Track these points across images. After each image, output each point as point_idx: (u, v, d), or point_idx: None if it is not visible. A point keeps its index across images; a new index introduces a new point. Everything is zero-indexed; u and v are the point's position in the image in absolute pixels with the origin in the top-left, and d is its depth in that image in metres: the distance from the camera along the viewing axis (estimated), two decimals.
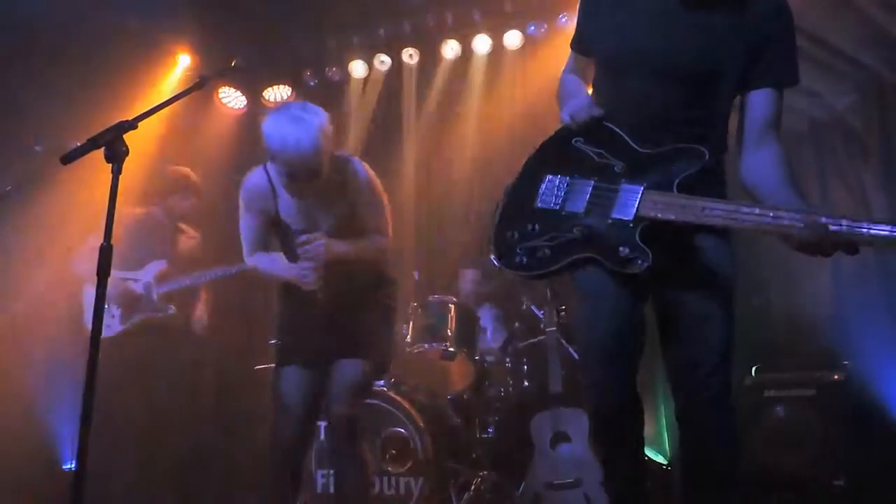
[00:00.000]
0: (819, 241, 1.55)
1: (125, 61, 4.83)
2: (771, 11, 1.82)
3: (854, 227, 1.52)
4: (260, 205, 2.60)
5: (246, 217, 2.65)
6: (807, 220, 1.56)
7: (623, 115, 1.87)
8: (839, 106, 4.28)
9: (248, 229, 2.67)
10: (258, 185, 2.60)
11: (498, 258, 1.91)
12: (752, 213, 1.63)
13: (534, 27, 4.91)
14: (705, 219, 1.68)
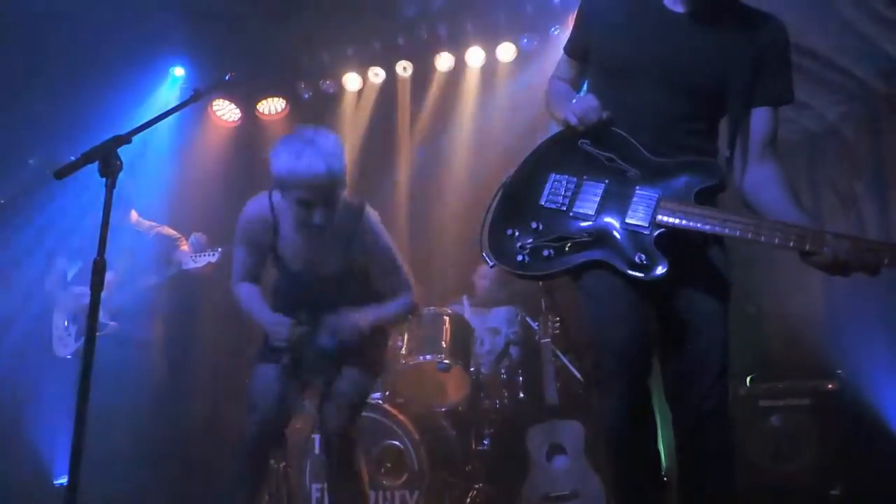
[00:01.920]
0: (845, 261, 1.58)
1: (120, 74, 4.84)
2: (770, 31, 1.86)
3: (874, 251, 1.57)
4: (257, 239, 2.48)
5: (238, 249, 2.55)
6: (834, 240, 1.58)
7: (627, 122, 1.86)
8: (831, 117, 4.31)
9: (238, 262, 2.58)
10: (259, 215, 2.46)
11: (494, 256, 1.84)
12: (778, 230, 1.64)
13: (527, 40, 4.95)
14: (727, 231, 1.67)
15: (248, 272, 2.59)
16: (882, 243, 1.59)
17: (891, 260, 1.56)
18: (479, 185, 5.10)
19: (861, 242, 1.59)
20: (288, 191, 2.25)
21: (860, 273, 1.61)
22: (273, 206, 2.43)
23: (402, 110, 5.38)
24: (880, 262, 1.58)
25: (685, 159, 1.80)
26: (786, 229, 1.64)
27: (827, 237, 1.60)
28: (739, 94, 1.84)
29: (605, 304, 1.77)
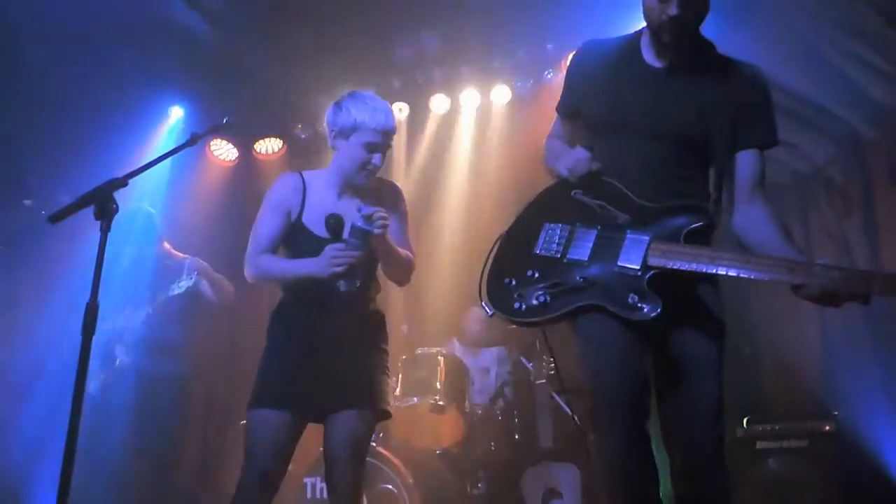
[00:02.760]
0: (834, 291, 1.60)
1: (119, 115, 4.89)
2: (750, 80, 1.93)
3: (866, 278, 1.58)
4: (286, 204, 2.44)
5: (267, 216, 2.45)
6: (821, 271, 1.61)
7: (617, 172, 1.92)
8: (820, 159, 4.38)
9: (267, 227, 2.44)
10: (290, 183, 2.48)
11: (492, 305, 1.89)
12: (765, 265, 1.67)
13: (521, 83, 5.03)
14: (715, 269, 1.70)
15: (273, 241, 2.44)
16: (871, 272, 1.61)
17: (881, 288, 1.57)
18: (472, 226, 5.14)
19: (849, 272, 1.61)
20: (361, 134, 2.37)
21: (852, 302, 1.62)
22: (303, 175, 2.50)
23: (398, 151, 5.44)
24: (870, 291, 1.59)
25: (673, 203, 1.84)
26: (774, 263, 1.67)
27: (815, 268, 1.62)
28: (722, 141, 1.90)
29: (601, 347, 1.79)
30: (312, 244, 2.37)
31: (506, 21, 4.54)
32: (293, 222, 2.44)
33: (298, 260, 2.40)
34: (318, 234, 2.39)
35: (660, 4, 1.80)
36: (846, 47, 3.71)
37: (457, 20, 4.59)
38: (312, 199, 2.46)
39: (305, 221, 2.44)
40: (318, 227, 2.38)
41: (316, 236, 2.40)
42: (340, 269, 2.23)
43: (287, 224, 2.45)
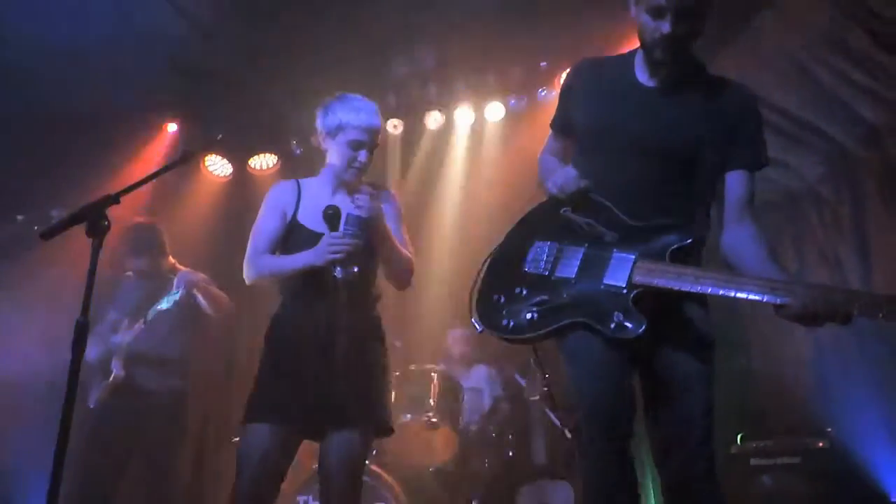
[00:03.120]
0: (815, 311, 1.60)
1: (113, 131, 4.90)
2: (740, 101, 1.95)
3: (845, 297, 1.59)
4: (282, 204, 2.50)
5: (267, 217, 2.50)
6: (802, 291, 1.62)
7: (606, 189, 1.94)
8: (811, 177, 4.41)
9: (266, 230, 2.48)
10: (285, 186, 2.56)
11: (481, 321, 1.92)
12: (747, 284, 1.68)
13: (514, 100, 5.07)
14: (700, 287, 1.71)
15: (273, 241, 2.46)
16: (851, 291, 1.62)
17: (860, 308, 1.58)
18: (467, 242, 5.15)
19: (830, 292, 1.62)
20: (346, 132, 2.46)
21: (833, 323, 1.63)
22: (299, 185, 2.56)
23: (392, 167, 5.46)
24: (850, 311, 1.60)
25: (660, 222, 1.86)
26: (756, 283, 1.68)
27: (796, 288, 1.64)
28: (712, 161, 1.92)
29: (585, 364, 1.80)
30: (309, 240, 2.39)
31: (500, 39, 4.58)
32: (289, 222, 2.48)
33: (296, 254, 2.40)
34: (314, 229, 2.42)
35: (653, 22, 1.82)
36: (836, 67, 3.75)
37: (451, 38, 4.63)
38: (307, 198, 2.51)
39: (301, 219, 2.48)
40: (314, 223, 2.42)
41: (312, 232, 2.42)
42: (337, 257, 2.25)
43: (284, 225, 2.48)
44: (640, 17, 1.86)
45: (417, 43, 4.81)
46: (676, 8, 1.77)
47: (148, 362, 3.69)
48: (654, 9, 1.80)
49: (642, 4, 1.83)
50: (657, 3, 1.78)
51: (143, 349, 3.68)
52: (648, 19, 1.83)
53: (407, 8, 4.31)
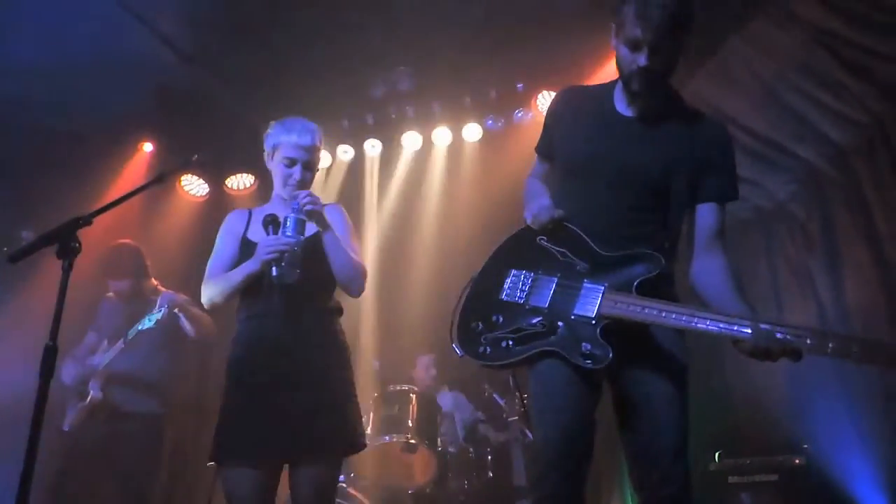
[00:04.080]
0: (767, 347, 1.65)
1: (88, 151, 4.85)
2: (714, 134, 2.00)
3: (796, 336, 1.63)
4: (235, 229, 2.58)
5: (221, 243, 2.57)
6: (754, 328, 1.66)
7: (582, 216, 1.99)
8: (781, 196, 4.49)
9: (220, 255, 2.53)
10: (238, 214, 2.67)
11: (461, 347, 1.97)
12: (706, 319, 1.73)
13: (491, 121, 5.12)
14: (662, 320, 1.77)
15: (225, 265, 2.49)
16: (803, 328, 1.65)
17: (812, 344, 1.62)
18: (444, 261, 5.16)
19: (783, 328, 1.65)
20: (280, 151, 2.56)
21: (785, 359, 1.67)
22: (250, 211, 2.65)
23: (370, 187, 5.47)
24: (801, 347, 1.64)
25: (629, 253, 1.91)
26: (714, 318, 1.73)
27: (751, 325, 1.68)
28: (683, 191, 1.97)
29: (550, 392, 1.86)
30: (251, 250, 2.44)
31: (477, 61, 4.63)
32: (239, 243, 2.54)
33: (239, 266, 2.43)
34: (257, 239, 2.46)
35: (630, 55, 1.87)
36: (804, 90, 3.85)
37: (429, 60, 4.67)
38: (256, 220, 2.58)
39: (249, 236, 2.54)
40: (259, 236, 2.44)
41: (256, 243, 2.45)
42: (273, 256, 2.28)
43: (237, 247, 2.53)
44: (618, 48, 1.91)
45: (395, 65, 4.84)
46: (652, 42, 1.82)
47: (126, 383, 3.63)
48: (631, 42, 1.85)
49: (621, 37, 1.88)
50: (634, 37, 1.83)
51: (123, 370, 3.62)
52: (626, 52, 1.88)
53: (385, 30, 4.35)
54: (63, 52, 4.14)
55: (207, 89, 4.76)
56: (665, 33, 1.80)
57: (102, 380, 3.59)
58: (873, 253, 3.77)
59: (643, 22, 1.79)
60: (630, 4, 1.82)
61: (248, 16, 4.20)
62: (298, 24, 4.26)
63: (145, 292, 3.78)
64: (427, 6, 4.13)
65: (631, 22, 1.82)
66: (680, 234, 2.01)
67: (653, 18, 1.78)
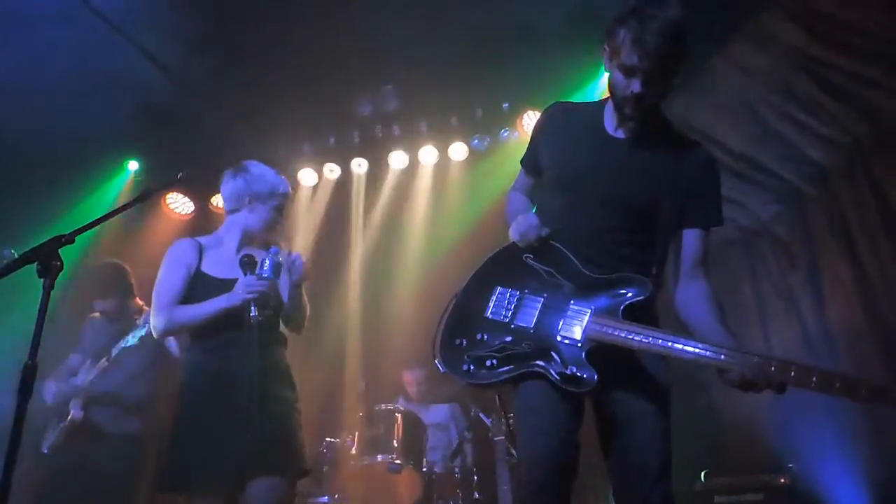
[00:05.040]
0: (752, 379, 1.66)
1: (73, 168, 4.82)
2: (701, 162, 2.01)
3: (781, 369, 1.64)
4: (187, 259, 2.57)
5: (172, 273, 2.54)
6: (740, 358, 1.67)
7: (567, 234, 1.99)
8: (765, 216, 4.55)
9: (172, 285, 2.52)
10: (185, 244, 2.64)
11: (444, 364, 1.94)
12: (692, 348, 1.74)
13: (477, 140, 5.14)
14: (648, 346, 1.77)
15: (177, 294, 2.51)
16: (788, 361, 1.66)
17: (795, 377, 1.63)
18: (430, 281, 5.14)
19: (767, 363, 1.66)
20: (275, 199, 2.67)
21: (769, 391, 1.68)
22: (198, 238, 2.66)
23: (356, 206, 5.47)
24: (785, 381, 1.65)
25: (615, 276, 1.91)
26: (701, 346, 1.73)
27: (737, 356, 1.69)
28: (670, 214, 1.98)
29: (535, 415, 1.84)
30: (215, 287, 2.48)
31: (463, 81, 4.67)
32: (193, 274, 2.55)
33: (210, 300, 2.45)
34: (220, 276, 2.52)
35: (625, 80, 1.88)
36: (785, 111, 3.91)
37: (416, 78, 4.70)
38: (210, 252, 2.61)
39: (205, 269, 2.55)
40: (220, 271, 2.53)
41: (217, 279, 2.51)
42: (253, 296, 2.36)
43: (188, 278, 2.54)
44: (613, 73, 1.92)
45: (382, 84, 4.87)
46: (647, 70, 1.83)
47: (108, 403, 3.56)
48: (626, 68, 1.85)
49: (615, 62, 1.89)
50: (630, 64, 1.83)
51: (105, 389, 3.55)
52: (621, 77, 1.88)
53: (371, 50, 4.38)
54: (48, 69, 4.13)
55: (193, 107, 4.75)
56: (661, 61, 1.81)
57: (84, 399, 3.53)
58: (855, 273, 3.81)
59: (640, 49, 1.80)
60: (626, 30, 1.83)
61: (233, 34, 4.22)
62: (284, 42, 4.28)
63: (130, 312, 3.73)
64: (413, 27, 4.16)
65: (627, 48, 1.82)
66: (666, 259, 2.01)
67: (649, 46, 1.79)
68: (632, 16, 1.82)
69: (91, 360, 3.60)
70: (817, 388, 1.60)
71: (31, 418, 1.70)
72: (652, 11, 1.80)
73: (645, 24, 1.79)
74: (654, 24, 1.78)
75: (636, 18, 1.81)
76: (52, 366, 3.68)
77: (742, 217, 4.60)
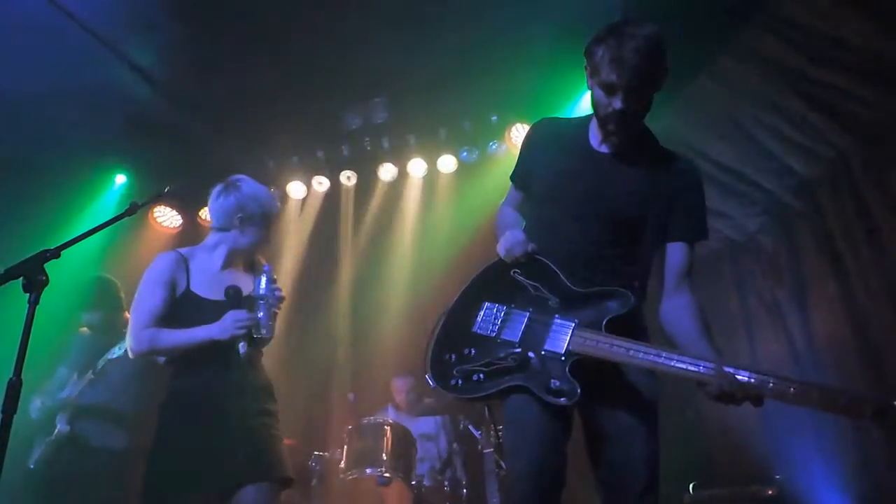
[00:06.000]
0: (730, 391, 1.66)
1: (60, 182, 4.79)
2: (685, 176, 2.04)
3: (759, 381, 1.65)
4: (170, 277, 2.52)
5: (154, 291, 2.50)
6: (717, 370, 1.68)
7: (554, 248, 2.01)
8: (751, 227, 4.58)
9: (154, 303, 2.48)
10: (170, 260, 2.58)
11: (434, 379, 1.96)
12: (672, 359, 1.75)
13: (466, 153, 5.17)
14: (629, 359, 1.78)
15: (162, 314, 2.47)
16: (765, 372, 1.67)
17: (774, 389, 1.64)
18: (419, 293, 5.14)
19: (746, 372, 1.66)
20: (266, 219, 2.65)
21: (748, 403, 1.69)
22: (183, 255, 2.62)
23: (345, 218, 5.47)
24: (763, 392, 1.66)
25: (599, 289, 1.92)
26: (679, 358, 1.75)
27: (716, 369, 1.69)
28: (655, 228, 2.00)
29: (521, 428, 1.86)
30: (205, 308, 2.46)
31: (452, 93, 4.69)
32: (182, 293, 2.51)
33: (193, 328, 2.43)
34: (210, 297, 2.49)
35: (606, 98, 1.90)
36: (770, 124, 3.96)
37: (404, 91, 4.72)
38: (196, 269, 2.58)
39: (194, 289, 2.52)
40: (209, 292, 2.50)
41: (206, 300, 2.49)
42: (242, 332, 2.38)
43: (171, 297, 2.50)
44: (594, 91, 1.95)
45: (370, 96, 4.88)
46: (627, 86, 1.85)
47: (95, 415, 3.52)
48: (606, 86, 1.88)
49: (596, 80, 1.91)
50: (610, 81, 1.86)
51: (92, 401, 3.51)
52: (602, 95, 1.91)
53: (360, 63, 4.39)
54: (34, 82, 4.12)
55: (181, 120, 4.74)
56: (640, 77, 1.84)
57: (70, 413, 3.49)
58: (840, 285, 3.85)
59: (618, 67, 1.82)
60: (604, 48, 1.85)
61: (222, 47, 4.22)
62: (273, 55, 4.29)
63: (119, 326, 3.69)
64: (402, 40, 4.18)
65: (606, 66, 1.85)
66: (650, 272, 2.03)
67: (627, 63, 1.81)
68: (610, 34, 1.86)
69: (78, 374, 3.56)
70: (795, 399, 1.61)
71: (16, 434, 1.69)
72: (629, 30, 1.83)
73: (623, 43, 1.82)
74: (632, 42, 1.81)
75: (614, 37, 1.84)
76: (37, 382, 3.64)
77: (729, 229, 4.63)
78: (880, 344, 3.54)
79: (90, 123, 4.52)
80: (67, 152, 4.68)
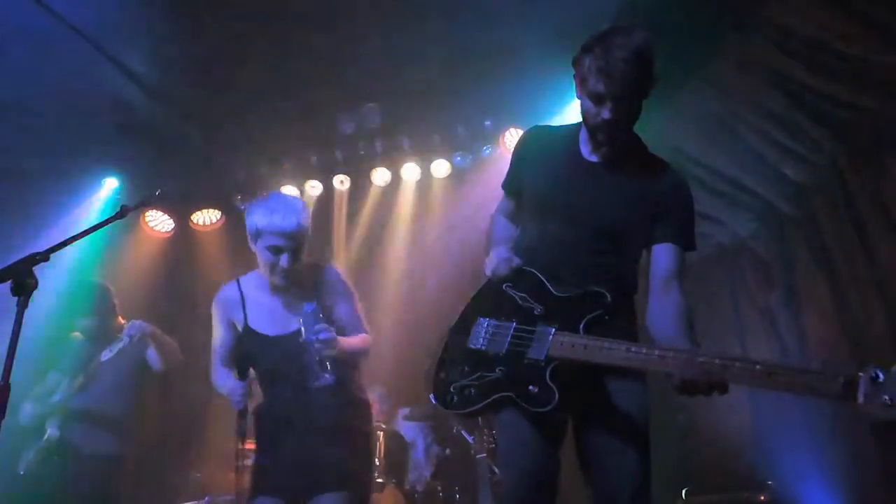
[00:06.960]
0: (692, 379, 1.62)
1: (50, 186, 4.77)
2: (673, 186, 2.03)
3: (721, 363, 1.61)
4: (229, 315, 2.60)
5: (218, 330, 2.64)
6: (684, 359, 1.65)
7: (544, 256, 2.02)
8: (743, 233, 4.60)
9: (220, 343, 2.63)
10: (227, 294, 2.64)
11: (434, 397, 2.01)
12: (640, 353, 1.74)
13: (459, 157, 5.18)
14: (607, 359, 1.77)
15: (226, 354, 2.62)
16: (724, 356, 1.62)
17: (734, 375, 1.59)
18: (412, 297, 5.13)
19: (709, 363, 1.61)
20: (263, 238, 2.49)
21: (714, 392, 1.64)
22: (240, 284, 2.64)
23: (338, 223, 5.46)
24: (725, 376, 1.61)
25: (578, 293, 1.92)
26: (646, 355, 1.72)
27: (676, 358, 1.66)
28: (640, 236, 2.01)
29: (512, 438, 1.88)
30: (259, 342, 2.54)
31: (446, 98, 4.70)
32: (241, 331, 2.59)
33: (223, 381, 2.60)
34: (265, 332, 2.54)
35: (595, 108, 1.90)
36: (762, 130, 3.97)
37: (398, 96, 4.72)
38: (252, 303, 2.61)
39: (252, 325, 2.57)
40: (264, 327, 2.55)
41: (261, 335, 2.54)
42: (241, 406, 2.47)
43: (235, 334, 2.61)
44: (582, 101, 1.95)
45: (364, 101, 4.88)
46: (615, 95, 1.85)
47: (86, 420, 3.46)
48: (594, 95, 1.88)
49: (584, 90, 1.92)
50: (597, 91, 1.86)
51: (82, 405, 3.46)
52: (590, 105, 1.91)
53: (353, 67, 4.39)
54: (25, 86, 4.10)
55: (173, 125, 4.73)
56: (627, 88, 1.84)
57: (60, 417, 3.45)
58: (832, 290, 3.86)
59: (605, 77, 1.82)
60: (591, 58, 1.86)
61: (215, 52, 4.21)
62: (267, 60, 4.28)
63: (112, 331, 3.65)
64: (396, 44, 4.19)
65: (593, 76, 1.85)
66: (636, 274, 2.03)
67: (614, 73, 1.81)
68: (597, 44, 1.85)
69: (69, 379, 3.53)
70: (761, 381, 1.56)
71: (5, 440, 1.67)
72: (617, 39, 1.82)
73: (609, 52, 1.81)
74: (619, 51, 1.80)
75: (601, 46, 1.84)
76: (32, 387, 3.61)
77: (721, 234, 4.65)
78: (872, 348, 3.55)
79: (81, 127, 4.50)
80: (58, 156, 4.66)
